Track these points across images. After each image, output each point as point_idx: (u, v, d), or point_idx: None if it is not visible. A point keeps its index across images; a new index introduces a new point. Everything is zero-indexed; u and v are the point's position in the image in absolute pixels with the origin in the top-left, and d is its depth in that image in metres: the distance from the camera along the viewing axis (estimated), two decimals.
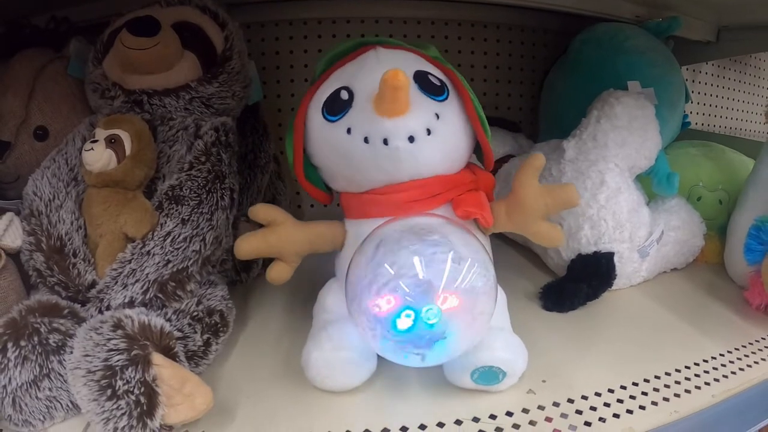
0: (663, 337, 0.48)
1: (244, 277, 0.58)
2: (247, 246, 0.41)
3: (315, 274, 0.46)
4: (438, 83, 0.41)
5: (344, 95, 0.40)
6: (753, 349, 0.46)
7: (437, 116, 0.39)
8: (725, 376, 0.42)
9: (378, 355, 0.39)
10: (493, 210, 0.42)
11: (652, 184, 0.59)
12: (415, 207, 0.40)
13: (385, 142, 0.38)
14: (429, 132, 0.39)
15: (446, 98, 0.41)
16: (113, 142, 0.42)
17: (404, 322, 0.33)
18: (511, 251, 0.68)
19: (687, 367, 0.43)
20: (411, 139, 0.38)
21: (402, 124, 0.38)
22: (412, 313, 0.33)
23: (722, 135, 0.86)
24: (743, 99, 1.10)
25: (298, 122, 0.42)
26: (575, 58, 0.72)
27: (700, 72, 1.02)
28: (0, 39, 0.51)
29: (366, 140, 0.38)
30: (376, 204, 0.41)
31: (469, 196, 0.41)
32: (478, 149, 0.45)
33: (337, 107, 0.40)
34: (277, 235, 0.41)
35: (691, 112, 0.99)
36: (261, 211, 0.42)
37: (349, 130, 0.39)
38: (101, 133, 0.42)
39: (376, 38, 0.43)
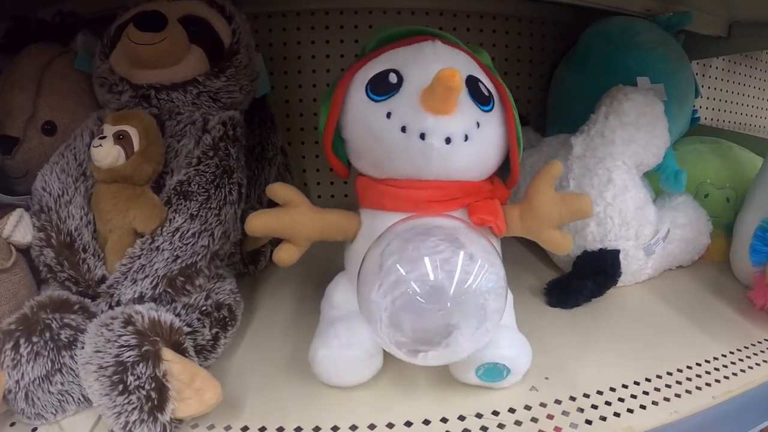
0: (666, 336, 0.49)
1: (251, 269, 0.58)
2: (260, 222, 0.40)
3: (323, 265, 0.46)
4: (486, 93, 0.41)
5: (393, 78, 0.39)
6: (755, 351, 0.46)
7: (478, 125, 0.39)
8: (726, 377, 0.43)
9: (384, 352, 0.39)
10: (507, 215, 0.42)
11: (659, 181, 0.59)
12: (432, 207, 0.40)
13: (422, 136, 0.38)
14: (467, 138, 0.39)
15: (491, 109, 0.41)
16: (121, 138, 0.42)
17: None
18: (517, 246, 0.68)
19: (689, 367, 0.44)
20: (448, 140, 0.38)
21: (443, 124, 0.37)
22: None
23: (731, 131, 0.85)
24: (753, 95, 1.08)
25: (338, 93, 0.42)
26: (585, 51, 0.71)
27: (710, 67, 1.00)
28: (7, 34, 0.51)
29: (403, 129, 0.38)
30: (394, 197, 0.41)
31: (485, 203, 0.41)
32: (503, 167, 0.45)
33: (382, 88, 0.39)
34: (291, 217, 0.41)
35: (700, 107, 0.98)
36: (279, 189, 0.41)
37: (389, 115, 0.39)
38: (109, 129, 0.42)
39: (435, 30, 0.43)
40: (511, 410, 0.38)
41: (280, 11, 0.75)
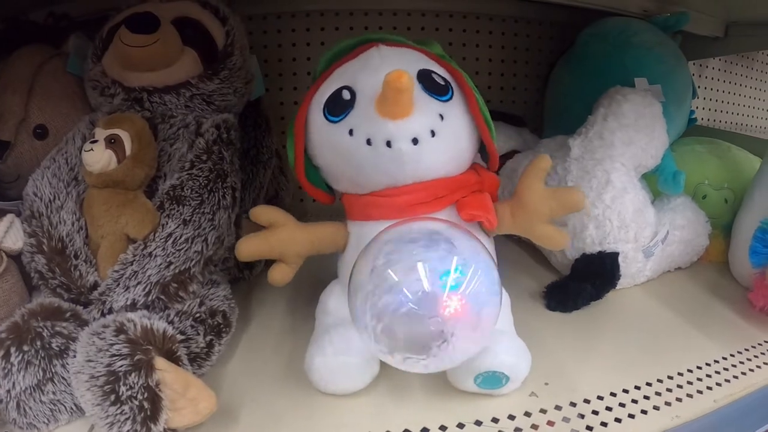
0: (666, 339, 0.48)
1: (246, 274, 0.57)
2: (249, 248, 0.41)
3: (318, 272, 0.46)
4: (442, 82, 0.40)
5: (346, 95, 0.39)
6: (756, 353, 0.46)
7: (441, 117, 0.39)
8: (727, 381, 0.42)
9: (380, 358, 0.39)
10: (498, 212, 0.42)
11: (657, 183, 0.59)
12: (418, 209, 0.39)
13: (389, 144, 0.37)
14: (433, 134, 0.38)
15: (450, 98, 0.40)
16: (113, 143, 0.41)
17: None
18: (515, 249, 0.68)
19: (689, 371, 0.43)
20: (415, 141, 0.37)
21: (406, 126, 0.37)
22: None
23: (728, 131, 0.85)
24: (750, 95, 1.08)
25: (298, 122, 0.42)
26: (582, 52, 0.71)
27: (707, 67, 1.00)
28: None
29: (369, 142, 0.38)
30: (379, 206, 0.40)
31: (474, 198, 0.41)
32: (482, 149, 0.44)
33: (338, 108, 0.39)
34: (279, 237, 0.41)
35: (697, 108, 0.98)
36: (263, 213, 0.42)
37: (351, 132, 0.38)
38: (101, 133, 0.42)
39: (378, 35, 0.42)
40: (511, 417, 0.38)
41: (275, 13, 0.74)
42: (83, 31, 0.53)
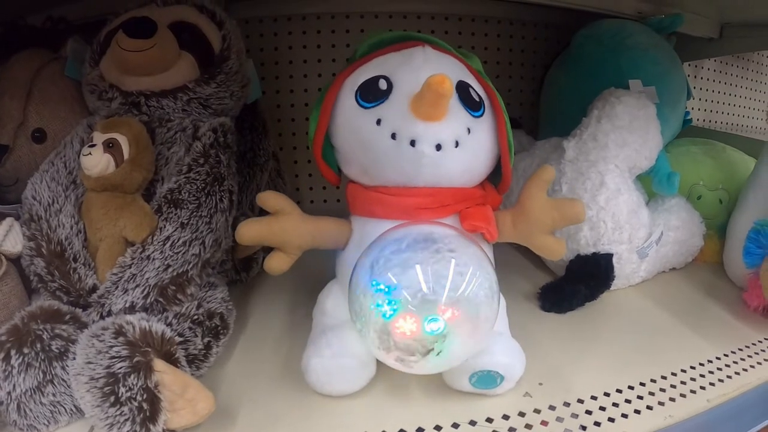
0: (660, 339, 0.49)
1: (243, 276, 0.58)
2: (250, 232, 0.40)
3: (315, 272, 0.46)
4: (477, 98, 0.40)
5: (383, 85, 0.39)
6: (749, 353, 0.47)
7: (469, 130, 0.39)
8: (721, 380, 0.43)
9: (377, 360, 0.39)
10: (499, 220, 0.42)
11: (652, 184, 0.59)
12: (423, 214, 0.40)
13: (413, 143, 0.37)
14: (457, 144, 0.39)
15: (482, 115, 0.40)
16: (111, 146, 0.42)
17: (409, 327, 0.33)
18: (510, 250, 0.68)
19: (683, 371, 0.44)
20: (438, 147, 0.38)
21: (434, 131, 0.37)
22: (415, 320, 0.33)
23: (723, 132, 0.86)
24: (745, 95, 1.09)
25: (328, 99, 0.41)
26: (577, 54, 0.71)
27: (702, 68, 1.01)
28: None
29: (393, 136, 0.38)
30: (384, 204, 0.40)
31: (477, 210, 0.41)
32: (495, 172, 0.44)
33: (372, 95, 0.39)
34: (282, 225, 0.40)
35: (692, 109, 0.99)
36: (270, 198, 0.40)
37: (378, 122, 0.39)
38: (99, 137, 0.42)
39: (425, 36, 0.42)
40: (505, 417, 0.38)
41: (272, 16, 0.75)
42: (81, 34, 0.53)
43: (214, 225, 0.44)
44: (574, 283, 0.54)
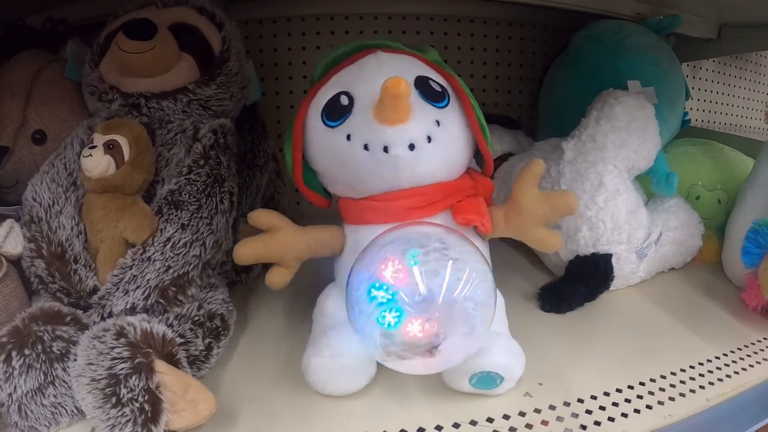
0: (659, 339, 0.49)
1: (243, 277, 0.58)
2: (247, 251, 0.41)
3: (315, 274, 0.46)
4: (439, 89, 0.40)
5: (344, 101, 0.40)
6: (748, 352, 0.47)
7: (438, 123, 0.39)
8: (720, 380, 0.43)
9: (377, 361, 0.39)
10: (492, 216, 0.42)
11: (651, 184, 0.59)
12: (414, 214, 0.40)
13: (386, 149, 0.38)
14: (429, 139, 0.39)
15: (447, 104, 0.40)
16: (111, 148, 0.42)
17: (409, 328, 0.33)
18: (510, 250, 0.68)
19: (682, 370, 0.44)
20: (411, 146, 0.38)
21: (402, 132, 0.37)
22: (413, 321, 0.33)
23: (722, 132, 0.86)
24: (743, 96, 1.09)
25: (296, 127, 0.42)
26: (575, 55, 0.71)
27: (701, 69, 1.01)
28: None
29: (366, 147, 0.38)
30: (375, 211, 0.41)
31: (469, 202, 0.41)
32: (477, 154, 0.45)
33: (336, 113, 0.40)
34: (277, 241, 0.41)
35: (691, 109, 0.99)
36: (261, 216, 0.42)
37: (348, 137, 0.39)
38: (99, 139, 0.42)
39: (376, 41, 0.43)
40: (506, 417, 0.38)
41: (271, 17, 0.75)
42: (81, 36, 0.54)
43: (215, 226, 0.44)
44: (574, 284, 0.54)
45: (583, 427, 0.37)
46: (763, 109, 1.12)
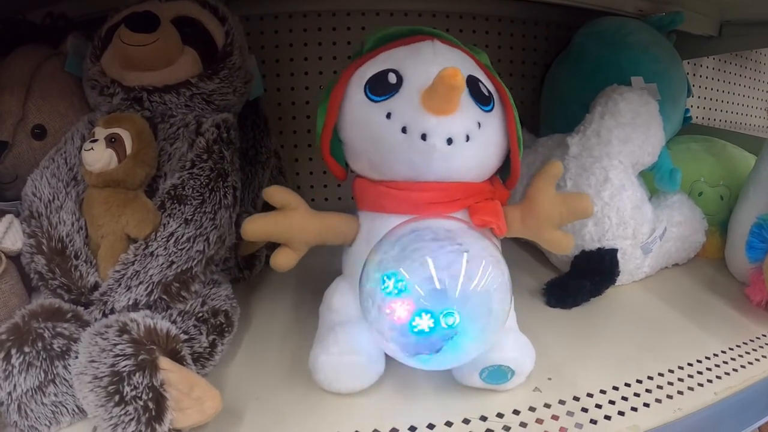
0: (665, 334, 0.49)
1: (247, 274, 0.57)
2: (255, 227, 0.39)
3: (320, 269, 0.46)
4: (487, 93, 0.40)
5: (392, 78, 0.39)
6: (754, 347, 0.47)
7: (479, 125, 0.39)
8: (727, 374, 0.43)
9: (386, 356, 0.39)
10: (508, 215, 0.42)
11: (654, 180, 0.59)
12: (433, 208, 0.39)
13: (424, 137, 0.37)
14: (468, 138, 0.38)
15: (491, 110, 0.40)
16: (113, 142, 0.41)
17: (424, 323, 0.33)
18: (515, 246, 0.68)
19: (689, 365, 0.44)
20: (449, 141, 0.37)
21: (445, 124, 0.37)
22: (429, 315, 0.32)
23: (723, 130, 0.86)
24: (744, 93, 1.10)
25: (335, 94, 0.41)
26: (578, 51, 0.71)
27: (701, 66, 1.02)
28: None
29: (404, 130, 0.38)
30: (393, 199, 0.40)
31: (486, 204, 0.41)
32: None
33: (382, 88, 0.39)
34: (289, 220, 0.40)
35: (692, 107, 0.99)
36: (276, 193, 0.40)
37: (389, 115, 0.38)
38: (101, 132, 0.41)
39: (432, 30, 0.42)
40: (516, 412, 0.38)
41: (273, 13, 0.74)
42: (81, 30, 0.53)
43: (218, 221, 0.44)
44: (579, 279, 0.54)
45: (594, 422, 0.37)
46: (764, 106, 1.12)
